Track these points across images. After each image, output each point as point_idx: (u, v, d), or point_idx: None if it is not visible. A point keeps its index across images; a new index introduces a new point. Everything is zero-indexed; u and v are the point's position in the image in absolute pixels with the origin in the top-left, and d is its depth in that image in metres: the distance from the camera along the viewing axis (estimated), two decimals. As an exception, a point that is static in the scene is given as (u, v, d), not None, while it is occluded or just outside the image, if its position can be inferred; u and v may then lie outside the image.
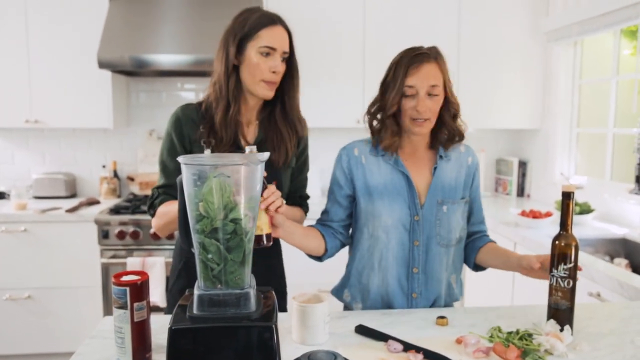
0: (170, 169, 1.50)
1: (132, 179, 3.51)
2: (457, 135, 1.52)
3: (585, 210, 2.63)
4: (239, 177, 0.92)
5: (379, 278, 1.50)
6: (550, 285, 1.30)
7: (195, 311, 0.94)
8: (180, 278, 1.56)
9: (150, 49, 2.98)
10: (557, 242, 1.26)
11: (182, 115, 1.51)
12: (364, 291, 1.55)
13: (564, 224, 1.25)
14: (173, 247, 2.89)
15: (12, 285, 2.96)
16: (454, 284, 1.55)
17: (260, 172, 0.95)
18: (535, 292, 2.32)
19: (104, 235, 2.90)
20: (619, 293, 1.78)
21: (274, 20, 1.47)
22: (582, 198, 2.79)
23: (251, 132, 1.54)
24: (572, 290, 1.28)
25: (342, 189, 1.54)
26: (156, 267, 2.86)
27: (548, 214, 2.61)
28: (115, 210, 2.99)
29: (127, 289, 1.09)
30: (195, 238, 0.95)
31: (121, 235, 2.89)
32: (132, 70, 3.12)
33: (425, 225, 1.47)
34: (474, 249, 1.57)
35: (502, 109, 3.28)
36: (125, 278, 1.12)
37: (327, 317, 1.23)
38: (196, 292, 0.95)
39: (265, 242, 1.23)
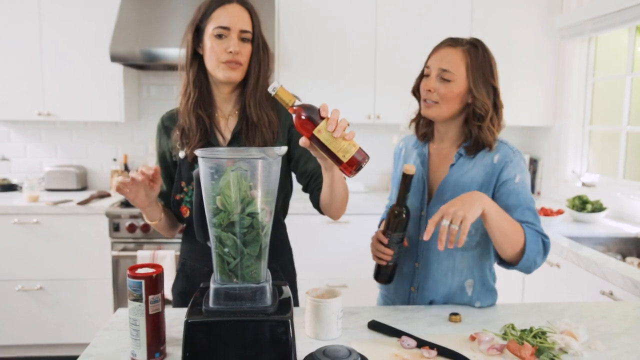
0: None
1: (142, 173, 3.52)
2: (477, 141, 1.42)
3: (597, 208, 2.61)
4: (256, 171, 0.92)
5: (401, 266, 1.52)
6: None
7: (211, 305, 0.94)
8: (178, 279, 1.56)
9: (161, 43, 2.98)
10: (390, 210, 1.43)
11: (160, 125, 1.50)
12: None
13: (398, 198, 1.42)
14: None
15: (24, 277, 2.99)
16: (468, 289, 1.47)
17: (277, 165, 0.94)
18: (545, 291, 2.32)
19: (114, 228, 2.92)
20: (632, 292, 1.76)
21: None
22: (594, 196, 2.77)
23: (230, 124, 1.45)
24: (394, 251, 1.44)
25: (392, 180, 1.63)
26: (166, 260, 2.87)
27: (559, 212, 2.59)
28: (126, 204, 3.00)
29: (143, 281, 1.09)
30: (211, 232, 0.95)
31: (132, 228, 2.91)
32: (144, 64, 3.13)
33: (426, 223, 1.46)
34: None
35: (514, 106, 3.25)
36: (140, 271, 1.12)
37: (341, 312, 1.23)
38: (212, 285, 0.95)
39: (362, 161, 1.04)
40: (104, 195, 3.22)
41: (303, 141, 1.06)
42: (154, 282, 1.11)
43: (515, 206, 1.37)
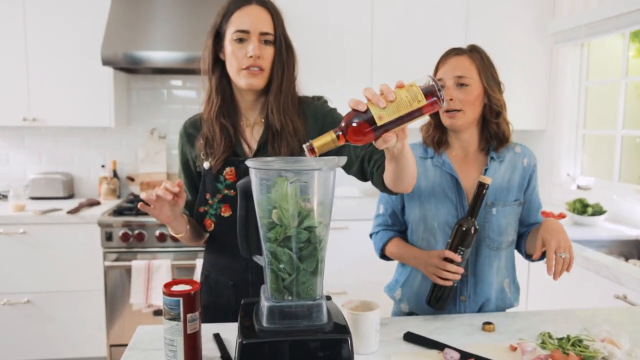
0: (184, 188, 1.44)
1: (132, 179, 3.42)
2: (499, 137, 1.49)
3: (598, 211, 2.64)
4: (312, 183, 0.87)
5: (429, 280, 1.46)
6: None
7: (265, 324, 0.89)
8: (202, 292, 1.48)
9: (143, 46, 2.90)
10: (459, 225, 1.38)
11: (183, 132, 1.44)
12: (414, 292, 1.53)
13: (472, 211, 1.38)
14: (179, 249, 2.84)
15: (10, 290, 2.85)
16: (507, 289, 1.52)
17: (333, 176, 0.90)
18: (551, 295, 2.33)
19: (107, 237, 2.81)
20: (647, 295, 1.78)
21: (246, 0, 1.30)
22: (591, 199, 2.80)
23: (255, 134, 1.38)
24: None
25: (384, 197, 1.59)
26: (162, 270, 2.78)
27: (561, 215, 2.61)
28: (119, 212, 2.90)
29: (181, 299, 1.04)
30: (265, 247, 0.90)
31: (125, 237, 2.80)
32: (130, 67, 3.03)
33: None
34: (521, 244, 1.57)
35: (508, 110, 3.27)
36: (176, 288, 1.06)
37: (378, 325, 1.20)
38: (266, 303, 0.90)
39: (433, 87, 0.89)
40: (93, 203, 3.11)
41: (385, 140, 0.90)
42: (192, 300, 1.05)
43: (537, 209, 1.57)
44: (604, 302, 1.98)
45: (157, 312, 2.86)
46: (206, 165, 1.35)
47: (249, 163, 0.89)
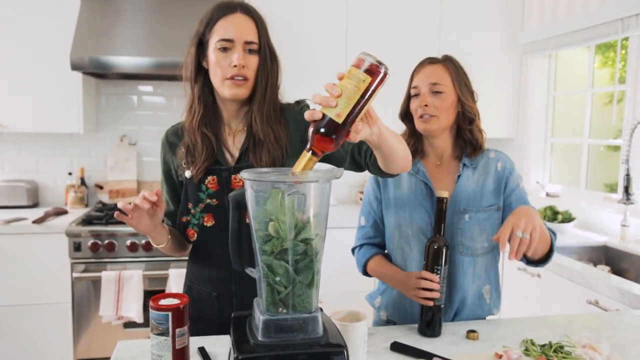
0: (165, 197, 1.42)
1: (100, 187, 3.32)
2: (472, 144, 1.51)
3: (567, 218, 2.72)
4: (309, 195, 0.86)
5: None
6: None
7: (260, 338, 0.87)
8: None
9: (112, 51, 2.83)
10: (430, 243, 1.36)
11: (165, 140, 1.42)
12: (392, 300, 1.54)
13: (439, 228, 1.36)
14: (151, 259, 2.77)
15: (-29, 304, 2.72)
16: (486, 295, 1.52)
17: (329, 187, 0.89)
18: (526, 302, 2.38)
19: (75, 247, 2.72)
20: (618, 300, 1.83)
21: (230, 8, 1.28)
22: (560, 206, 2.88)
23: (237, 142, 1.36)
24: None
25: (373, 203, 1.58)
26: (133, 280, 2.71)
27: (533, 222, 2.67)
28: (88, 221, 2.81)
29: (169, 314, 1.01)
30: (261, 260, 0.88)
31: (95, 247, 2.72)
32: (100, 73, 2.95)
33: (447, 234, 1.45)
34: None
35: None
36: (164, 302, 1.03)
37: (367, 335, 1.19)
38: (261, 317, 0.88)
39: (370, 61, 0.90)
40: (60, 212, 3.00)
41: (356, 131, 0.90)
42: (181, 314, 1.03)
43: None
44: (577, 307, 2.03)
45: (128, 325, 2.78)
46: (188, 174, 1.33)
47: (244, 175, 0.87)
